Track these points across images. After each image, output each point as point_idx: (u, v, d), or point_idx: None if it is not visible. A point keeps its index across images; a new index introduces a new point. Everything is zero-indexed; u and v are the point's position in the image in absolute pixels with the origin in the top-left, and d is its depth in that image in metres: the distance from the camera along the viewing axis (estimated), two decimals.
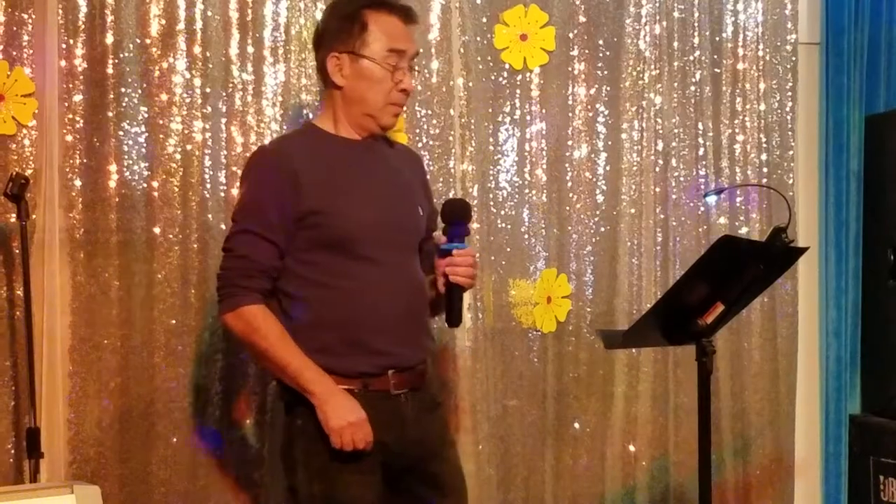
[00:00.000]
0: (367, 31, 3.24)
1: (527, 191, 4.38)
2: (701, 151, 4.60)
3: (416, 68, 3.56)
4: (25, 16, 3.83)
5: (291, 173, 3.16)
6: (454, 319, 3.36)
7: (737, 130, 4.65)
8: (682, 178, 4.58)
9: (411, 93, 3.46)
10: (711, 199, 4.55)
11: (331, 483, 3.16)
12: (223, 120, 4.02)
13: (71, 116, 3.87)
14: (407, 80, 3.29)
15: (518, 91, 4.38)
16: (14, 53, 3.81)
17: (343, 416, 3.10)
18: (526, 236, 4.38)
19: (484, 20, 4.31)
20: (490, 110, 4.35)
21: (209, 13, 4.00)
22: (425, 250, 3.41)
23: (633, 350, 4.47)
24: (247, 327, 3.17)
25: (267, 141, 3.97)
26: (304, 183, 3.15)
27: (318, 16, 4.04)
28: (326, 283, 3.19)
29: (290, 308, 3.21)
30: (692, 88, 4.59)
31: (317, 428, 3.13)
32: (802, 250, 3.62)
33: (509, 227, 4.34)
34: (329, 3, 3.55)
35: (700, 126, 4.60)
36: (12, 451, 3.79)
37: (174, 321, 3.95)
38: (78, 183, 3.87)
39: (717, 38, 4.62)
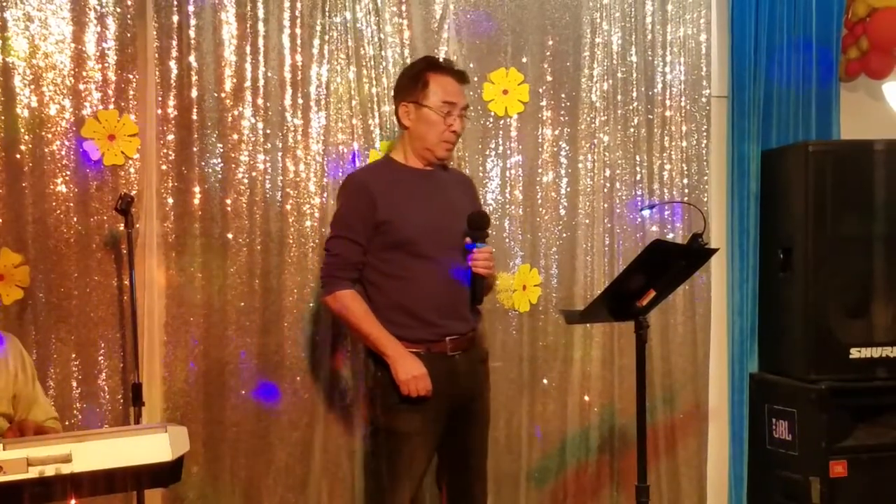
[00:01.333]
0: (428, 87, 3.35)
1: (507, 206, 4.28)
2: (638, 177, 4.50)
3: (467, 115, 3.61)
4: (131, 76, 3.75)
5: (370, 194, 3.29)
6: (475, 300, 3.42)
7: (665, 161, 4.54)
8: (623, 197, 4.48)
9: (461, 133, 3.49)
10: (646, 213, 4.47)
11: (396, 418, 3.25)
12: (279, 154, 3.93)
13: (165, 151, 3.79)
14: (457, 124, 3.39)
15: (501, 132, 4.28)
16: (123, 104, 3.74)
17: (409, 371, 3.20)
18: (507, 240, 4.28)
19: (475, 79, 4.20)
20: (480, 146, 4.25)
21: (269, 74, 3.91)
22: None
23: (588, 325, 4.37)
24: (340, 307, 3.30)
25: (312, 170, 3.99)
26: (379, 201, 3.26)
27: (351, 76, 4.02)
28: (396, 275, 3.28)
29: (371, 292, 3.31)
30: (631, 130, 4.49)
31: (390, 379, 3.22)
32: (714, 251, 3.54)
33: (494, 233, 4.21)
34: (404, 67, 3.69)
35: (637, 158, 4.50)
36: (121, 401, 3.73)
37: (242, 304, 3.87)
38: (170, 200, 3.79)
39: (650, 93, 4.52)
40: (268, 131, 3.91)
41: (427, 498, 3.96)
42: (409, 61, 3.98)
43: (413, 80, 3.40)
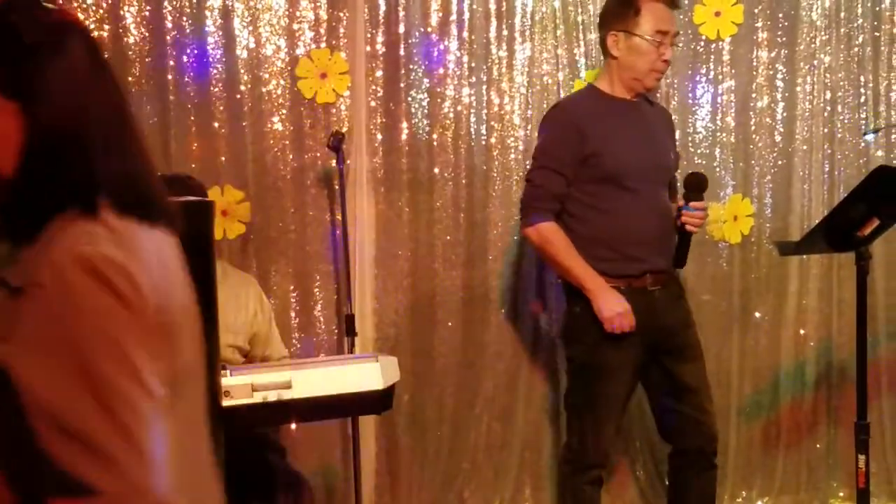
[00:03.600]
0: (640, 14, 3.16)
1: (718, 133, 4.08)
2: (862, 99, 4.18)
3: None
4: (341, 14, 3.75)
5: (576, 125, 3.18)
6: (680, 261, 3.27)
7: (892, 81, 4.19)
8: (846, 121, 4.18)
9: (670, 62, 3.30)
10: (870, 137, 4.16)
11: (596, 353, 3.17)
12: (484, 87, 3.88)
13: (374, 87, 3.80)
14: (668, 53, 3.22)
15: (712, 56, 4.07)
16: (333, 42, 3.75)
17: (613, 307, 3.10)
18: (718, 169, 4.08)
19: (686, 1, 3.98)
20: (689, 72, 4.05)
21: (474, 6, 3.84)
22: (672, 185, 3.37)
23: (804, 256, 4.13)
24: (540, 239, 3.22)
25: (516, 103, 3.91)
26: (587, 133, 3.14)
27: (557, 4, 3.89)
28: (599, 207, 3.17)
29: (573, 225, 3.21)
30: (856, 49, 4.16)
31: (589, 314, 3.13)
32: None
33: (704, 161, 4.05)
34: None
35: (862, 79, 4.17)
36: (335, 332, 3.83)
37: (448, 237, 3.88)
38: (379, 136, 3.81)
39: (878, 8, 4.15)
40: (473, 64, 3.85)
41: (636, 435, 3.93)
42: None
43: (624, 7, 3.20)
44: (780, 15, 4.11)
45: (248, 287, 3.34)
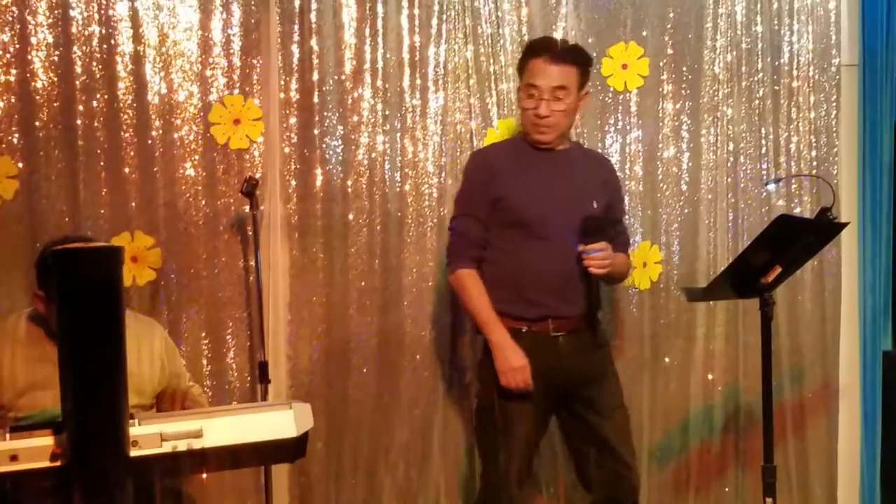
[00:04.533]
0: (522, 70, 3.26)
1: (627, 182, 4.12)
2: (763, 150, 4.28)
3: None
4: (255, 61, 3.74)
5: (490, 169, 3.26)
6: (594, 305, 3.29)
7: (792, 133, 4.31)
8: (748, 171, 4.27)
9: (552, 116, 3.21)
10: (772, 187, 4.25)
11: (496, 397, 3.19)
12: (398, 134, 3.88)
13: (288, 134, 3.78)
14: (542, 107, 3.20)
15: (620, 108, 4.13)
16: (247, 89, 3.73)
17: (509, 362, 3.13)
18: (627, 217, 4.08)
19: (594, 54, 4.03)
20: (598, 122, 4.11)
21: (388, 55, 3.85)
22: (608, 233, 3.30)
23: (711, 302, 4.20)
24: (457, 285, 3.30)
25: (430, 151, 3.93)
26: (498, 177, 3.23)
27: (469, 55, 3.93)
28: (507, 250, 3.22)
29: (484, 266, 3.25)
30: (756, 102, 4.27)
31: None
32: (844, 225, 3.38)
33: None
34: (521, 45, 3.80)
35: (762, 131, 4.27)
36: (248, 379, 3.75)
37: (363, 283, 3.84)
38: (293, 182, 3.78)
39: (777, 63, 4.28)
40: (387, 112, 3.86)
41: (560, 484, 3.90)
42: (526, 38, 3.91)
43: (520, 64, 3.32)
44: (685, 68, 4.20)
45: (151, 331, 3.21)
